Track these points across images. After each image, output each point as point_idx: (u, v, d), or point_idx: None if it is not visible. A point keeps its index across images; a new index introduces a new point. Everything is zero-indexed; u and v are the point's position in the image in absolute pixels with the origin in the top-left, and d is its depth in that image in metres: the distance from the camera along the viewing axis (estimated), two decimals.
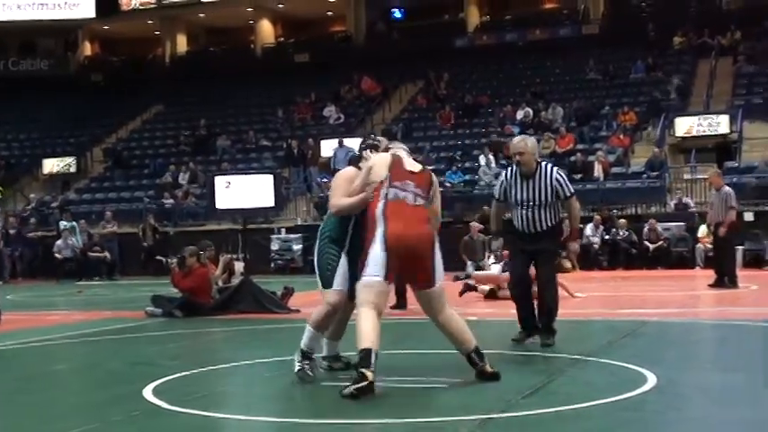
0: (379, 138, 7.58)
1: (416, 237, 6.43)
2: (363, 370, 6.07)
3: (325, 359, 7.37)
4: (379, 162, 6.73)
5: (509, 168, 8.90)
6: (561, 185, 8.59)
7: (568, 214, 8.91)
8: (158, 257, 23.93)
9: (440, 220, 7.02)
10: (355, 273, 6.65)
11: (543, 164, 8.76)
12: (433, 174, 6.94)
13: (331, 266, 6.98)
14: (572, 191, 8.71)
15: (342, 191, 6.96)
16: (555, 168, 8.76)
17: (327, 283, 6.99)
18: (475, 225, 21.62)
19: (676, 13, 35.42)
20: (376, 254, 6.38)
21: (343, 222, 7.03)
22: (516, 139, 9.10)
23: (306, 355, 6.92)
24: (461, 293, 14.51)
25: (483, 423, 5.39)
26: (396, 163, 6.68)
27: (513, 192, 8.66)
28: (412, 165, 6.76)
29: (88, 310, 15.14)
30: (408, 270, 6.57)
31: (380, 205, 6.52)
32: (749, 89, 30.03)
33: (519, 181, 8.62)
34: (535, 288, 8.94)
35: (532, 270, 8.93)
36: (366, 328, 6.24)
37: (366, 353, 6.13)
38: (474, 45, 37.56)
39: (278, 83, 37.22)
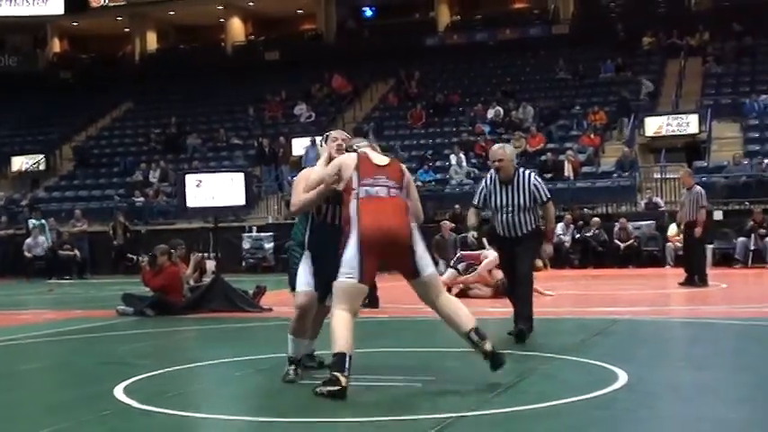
0: (335, 133, 7.39)
1: (391, 228, 6.35)
2: (337, 374, 6.04)
3: None
4: (345, 162, 6.64)
5: (489, 175, 9.26)
6: (539, 190, 9.00)
7: (544, 217, 9.27)
8: (129, 256, 23.82)
9: (421, 216, 6.95)
10: (318, 271, 6.69)
11: (521, 170, 9.18)
12: (403, 165, 6.90)
13: (294, 268, 7.00)
14: (548, 195, 9.10)
15: (301, 190, 6.95)
16: (533, 174, 9.26)
17: (293, 285, 7.01)
18: (446, 224, 21.63)
19: (645, 14, 35.71)
20: (350, 255, 6.32)
21: (305, 222, 7.03)
22: (495, 146, 9.46)
23: (291, 361, 6.92)
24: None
25: (454, 421, 5.40)
26: (363, 160, 6.61)
27: (493, 198, 9.05)
28: (380, 159, 6.70)
29: (59, 309, 15.03)
30: (392, 261, 6.57)
31: (353, 206, 6.43)
32: (718, 89, 30.27)
33: (498, 187, 9.02)
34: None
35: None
36: (340, 331, 6.19)
37: (340, 357, 6.09)
38: (444, 44, 37.60)
39: (248, 81, 37.10)
